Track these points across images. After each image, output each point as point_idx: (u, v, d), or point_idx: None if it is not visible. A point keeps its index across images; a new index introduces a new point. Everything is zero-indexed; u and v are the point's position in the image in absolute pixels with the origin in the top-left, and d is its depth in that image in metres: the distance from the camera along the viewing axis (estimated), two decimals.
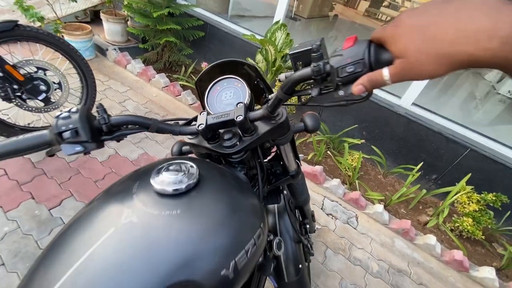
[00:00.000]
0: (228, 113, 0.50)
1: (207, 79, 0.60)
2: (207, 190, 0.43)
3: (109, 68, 2.54)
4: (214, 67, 0.60)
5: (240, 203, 0.45)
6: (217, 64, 0.59)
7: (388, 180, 2.23)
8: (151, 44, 2.62)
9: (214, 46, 2.77)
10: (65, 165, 1.54)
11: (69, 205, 1.35)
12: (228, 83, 0.58)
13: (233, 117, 0.47)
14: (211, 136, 0.52)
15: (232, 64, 0.60)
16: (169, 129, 0.51)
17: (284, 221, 0.85)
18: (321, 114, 2.41)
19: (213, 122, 0.50)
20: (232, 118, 0.48)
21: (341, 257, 1.50)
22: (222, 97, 0.57)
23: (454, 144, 1.94)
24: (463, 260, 1.56)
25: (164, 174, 0.42)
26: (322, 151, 2.08)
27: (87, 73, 1.70)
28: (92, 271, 0.32)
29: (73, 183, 1.46)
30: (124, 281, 0.31)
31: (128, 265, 0.33)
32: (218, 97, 0.58)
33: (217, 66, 0.60)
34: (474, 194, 1.82)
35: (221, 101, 0.57)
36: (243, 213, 0.44)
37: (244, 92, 0.56)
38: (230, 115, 0.49)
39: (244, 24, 2.68)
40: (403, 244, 1.68)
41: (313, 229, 1.15)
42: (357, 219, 1.75)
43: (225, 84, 0.58)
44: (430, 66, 0.26)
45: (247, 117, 0.48)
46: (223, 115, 0.50)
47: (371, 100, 2.12)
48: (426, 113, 2.06)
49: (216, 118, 0.50)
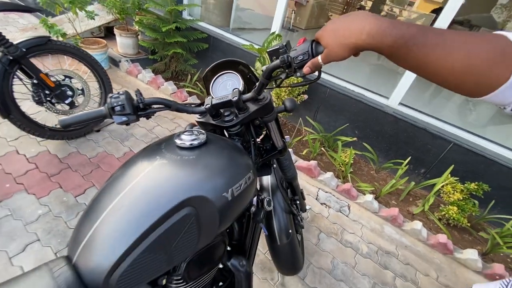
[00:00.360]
0: (227, 96, 0.69)
1: (212, 74, 0.80)
2: (212, 146, 0.62)
3: (122, 78, 2.79)
4: (217, 65, 0.80)
5: (235, 156, 0.64)
6: (219, 62, 0.79)
7: (380, 175, 2.39)
8: (159, 55, 2.87)
9: (217, 56, 3.01)
10: (87, 160, 1.75)
11: (92, 193, 1.54)
12: (227, 77, 0.78)
13: (231, 98, 0.67)
14: (215, 114, 0.71)
15: (230, 63, 0.79)
16: (185, 108, 0.71)
17: (277, 196, 1.04)
18: (316, 116, 2.60)
19: (216, 103, 0.69)
20: (230, 99, 0.67)
21: (333, 240, 1.65)
22: (223, 86, 0.77)
23: (438, 139, 2.11)
24: (447, 243, 1.70)
25: (183, 136, 0.61)
26: (316, 148, 2.26)
27: (105, 80, 1.93)
28: (139, 191, 0.50)
29: (94, 175, 1.66)
30: (161, 195, 0.50)
31: (161, 187, 0.51)
32: (220, 86, 0.77)
33: (219, 64, 0.80)
34: (458, 184, 1.97)
35: (222, 89, 0.77)
36: (237, 161, 0.63)
37: (239, 82, 0.76)
38: (228, 97, 0.68)
39: (245, 36, 2.93)
40: (391, 230, 1.82)
41: (304, 207, 1.32)
42: (349, 208, 1.91)
43: (225, 77, 0.78)
44: (340, 51, 0.45)
45: (240, 98, 0.67)
46: (223, 98, 0.69)
47: (362, 101, 2.31)
48: (412, 111, 2.24)
49: (219, 100, 0.69)
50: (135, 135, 2.07)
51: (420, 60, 0.39)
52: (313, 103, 2.56)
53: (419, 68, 0.40)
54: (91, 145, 1.88)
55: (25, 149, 1.72)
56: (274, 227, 1.03)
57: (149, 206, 0.49)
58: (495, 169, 1.98)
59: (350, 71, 2.88)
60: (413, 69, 0.41)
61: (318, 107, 2.55)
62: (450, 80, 0.39)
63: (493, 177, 1.98)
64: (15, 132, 1.80)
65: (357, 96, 2.36)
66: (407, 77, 2.14)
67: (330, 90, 2.43)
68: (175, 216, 0.50)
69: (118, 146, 1.92)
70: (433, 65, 0.38)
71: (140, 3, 2.70)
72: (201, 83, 2.94)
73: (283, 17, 2.57)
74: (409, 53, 0.39)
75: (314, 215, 1.78)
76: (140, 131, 2.12)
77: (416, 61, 0.39)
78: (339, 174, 2.22)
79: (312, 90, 2.48)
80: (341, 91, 2.38)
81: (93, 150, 1.84)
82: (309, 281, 1.39)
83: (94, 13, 2.55)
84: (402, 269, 1.58)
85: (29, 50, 1.51)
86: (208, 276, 0.71)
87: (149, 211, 0.49)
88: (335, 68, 2.54)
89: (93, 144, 1.88)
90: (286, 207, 1.05)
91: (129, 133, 2.07)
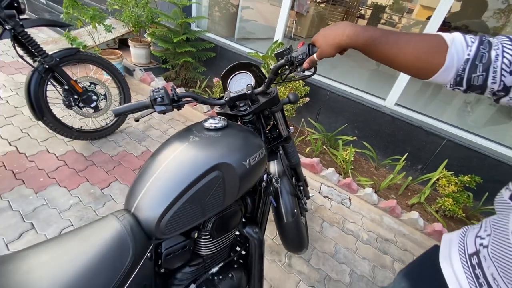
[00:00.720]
0: (242, 90, 0.86)
1: (229, 73, 0.97)
2: (231, 128, 0.78)
3: (136, 86, 3.00)
4: (233, 66, 0.97)
5: (250, 136, 0.80)
6: (234, 65, 0.97)
7: (380, 172, 2.52)
8: (171, 64, 3.09)
9: (223, 64, 3.22)
10: (109, 158, 1.92)
11: (115, 187, 1.71)
12: (241, 76, 0.95)
13: (245, 92, 0.84)
14: (232, 105, 0.88)
15: (244, 64, 0.97)
16: (208, 101, 0.88)
17: (283, 180, 1.20)
18: (318, 117, 2.77)
19: (234, 95, 0.86)
20: (245, 93, 0.84)
21: (336, 228, 1.78)
22: (238, 83, 0.94)
23: (433, 136, 2.25)
24: (442, 231, 1.82)
25: (210, 121, 0.78)
26: (318, 147, 2.42)
27: (124, 87, 2.13)
28: (180, 158, 0.67)
29: (116, 171, 1.83)
30: (196, 161, 0.66)
31: (196, 156, 0.67)
32: (235, 83, 0.95)
33: (234, 66, 0.97)
34: (452, 177, 2.09)
35: (237, 85, 0.94)
36: (252, 140, 0.79)
37: (251, 79, 0.93)
38: (243, 91, 0.85)
39: (249, 45, 3.14)
40: (390, 220, 1.95)
41: (308, 194, 1.47)
42: (350, 200, 2.04)
43: (239, 76, 0.95)
44: (329, 50, 0.62)
45: (253, 92, 0.84)
46: (239, 92, 0.86)
47: (360, 103, 2.47)
48: (407, 111, 2.39)
49: (236, 93, 0.86)
50: (151, 136, 2.25)
51: (384, 53, 0.56)
52: (315, 106, 2.73)
53: (384, 60, 0.57)
54: (112, 145, 2.06)
55: (54, 148, 1.90)
56: (281, 207, 1.18)
57: (188, 169, 0.65)
58: (487, 163, 2.10)
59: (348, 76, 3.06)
60: (381, 61, 0.58)
61: (320, 109, 2.72)
62: (406, 67, 0.55)
63: (485, 171, 2.11)
64: (44, 134, 2.00)
65: (356, 98, 2.52)
66: (400, 80, 2.30)
67: (330, 93, 2.60)
68: (207, 177, 0.66)
69: (136, 146, 2.10)
70: (393, 57, 0.55)
71: (153, 17, 2.93)
72: (209, 89, 3.14)
73: (285, 26, 2.78)
74: (376, 49, 0.56)
75: (317, 206, 1.92)
76: (155, 132, 2.31)
77: (382, 54, 0.56)
78: (340, 171, 2.36)
79: (313, 93, 2.65)
80: (341, 93, 2.55)
81: (114, 149, 2.02)
82: (313, 263, 1.52)
83: (111, 27, 2.79)
84: (400, 254, 1.70)
85: (62, 59, 1.71)
86: (228, 237, 0.86)
87: (188, 172, 0.65)
88: (335, 72, 2.72)
89: (114, 144, 2.07)
90: (291, 190, 1.21)
91: (145, 134, 2.25)
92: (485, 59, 0.47)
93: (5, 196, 1.50)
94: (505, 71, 0.45)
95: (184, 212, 0.64)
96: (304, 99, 2.54)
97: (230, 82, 0.95)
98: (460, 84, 0.51)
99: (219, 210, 0.74)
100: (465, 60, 0.49)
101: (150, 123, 2.43)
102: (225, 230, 0.83)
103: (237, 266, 0.94)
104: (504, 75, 0.46)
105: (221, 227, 0.80)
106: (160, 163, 0.68)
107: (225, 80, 0.98)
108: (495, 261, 0.50)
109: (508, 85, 0.46)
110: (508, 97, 0.48)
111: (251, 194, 0.98)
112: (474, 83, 0.50)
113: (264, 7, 4.78)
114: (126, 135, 2.19)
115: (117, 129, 2.18)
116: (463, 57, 0.49)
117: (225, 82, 0.98)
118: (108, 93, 2.04)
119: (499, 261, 0.49)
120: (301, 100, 2.53)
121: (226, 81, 0.96)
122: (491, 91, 0.49)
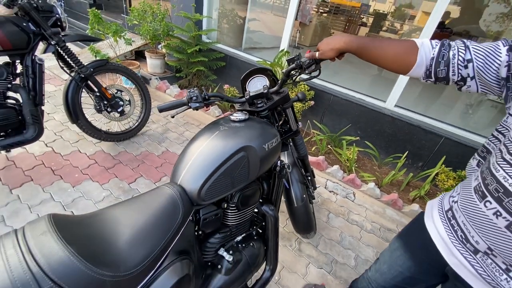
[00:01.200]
0: (259, 90, 1.05)
1: (247, 77, 1.16)
2: (253, 120, 0.97)
3: (152, 93, 3.23)
4: (251, 71, 1.17)
5: (267, 126, 0.98)
6: (252, 69, 1.16)
7: (382, 170, 2.67)
8: (184, 73, 3.33)
9: (233, 73, 3.45)
10: (134, 157, 2.13)
11: (141, 182, 1.90)
12: (258, 79, 1.15)
13: (262, 91, 1.03)
14: (251, 103, 1.07)
15: (259, 69, 1.16)
16: (231, 99, 1.07)
17: (293, 170, 1.37)
18: (322, 119, 2.95)
19: (253, 94, 1.05)
20: (261, 92, 1.03)
21: (341, 219, 1.93)
22: (255, 85, 1.13)
23: (431, 135, 2.40)
24: None
25: (235, 114, 0.96)
26: (324, 146, 2.58)
27: (146, 93, 2.36)
28: (215, 142, 0.85)
29: (141, 168, 2.03)
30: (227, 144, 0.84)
31: (226, 140, 0.86)
32: (253, 84, 1.14)
33: (252, 71, 1.16)
34: (451, 173, 2.23)
35: (254, 87, 1.13)
36: (269, 129, 0.97)
37: (266, 82, 1.12)
38: (260, 91, 1.04)
39: (256, 54, 3.37)
40: (392, 212, 2.09)
41: (315, 185, 1.63)
42: (354, 194, 2.19)
43: (256, 79, 1.15)
44: (330, 53, 0.81)
45: (268, 91, 1.03)
46: (257, 91, 1.05)
47: (362, 105, 2.65)
48: (407, 112, 2.55)
49: (254, 93, 1.05)
50: (169, 138, 2.45)
51: (372, 55, 0.74)
52: (319, 109, 2.91)
53: (373, 60, 0.75)
54: (135, 146, 2.27)
55: (85, 149, 2.12)
56: (292, 193, 1.36)
57: (221, 150, 0.84)
58: None
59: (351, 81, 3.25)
60: (370, 61, 0.77)
61: (324, 111, 2.90)
62: (389, 65, 0.74)
63: None
64: (75, 136, 2.22)
65: (358, 101, 2.70)
66: (399, 84, 2.48)
67: (334, 97, 2.79)
68: (236, 156, 0.84)
69: (156, 147, 2.30)
70: (379, 57, 0.73)
71: (168, 30, 3.19)
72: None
73: (290, 36, 3.00)
74: (366, 52, 0.75)
75: (323, 199, 2.07)
76: (173, 135, 2.51)
77: (370, 56, 0.75)
78: (344, 169, 2.52)
79: (318, 97, 2.84)
80: (344, 97, 2.73)
81: (137, 149, 2.23)
82: (321, 248, 1.67)
83: (131, 40, 3.05)
84: None
85: (94, 70, 1.95)
86: (249, 211, 1.03)
87: (221, 153, 0.83)
88: (338, 78, 2.91)
89: (137, 145, 2.27)
90: (300, 178, 1.38)
91: (164, 136, 2.46)
92: (446, 57, 0.66)
93: (47, 189, 1.71)
94: (461, 66, 0.63)
95: (218, 183, 0.82)
96: (309, 102, 2.72)
97: (249, 84, 1.15)
98: (429, 77, 0.70)
99: (244, 184, 0.92)
100: (431, 59, 0.67)
101: (168, 126, 2.64)
102: (247, 204, 1.00)
103: (256, 238, 1.11)
104: (460, 69, 0.64)
105: (244, 201, 0.98)
106: (198, 146, 0.87)
107: (244, 82, 1.17)
108: (463, 211, 0.67)
109: (464, 76, 0.64)
110: (466, 86, 0.66)
111: (267, 178, 1.16)
112: (440, 76, 0.68)
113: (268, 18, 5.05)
114: (147, 137, 2.40)
115: (138, 132, 2.39)
116: (429, 56, 0.67)
117: (244, 84, 1.17)
118: (132, 99, 2.27)
119: (466, 210, 0.66)
120: (306, 103, 2.72)
121: (245, 83, 1.16)
122: (453, 81, 0.67)
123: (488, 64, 0.58)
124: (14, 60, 1.64)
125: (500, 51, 0.57)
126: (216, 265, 0.94)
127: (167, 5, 3.48)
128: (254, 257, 1.04)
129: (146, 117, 2.40)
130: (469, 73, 0.62)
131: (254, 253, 1.05)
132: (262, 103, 1.07)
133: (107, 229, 0.65)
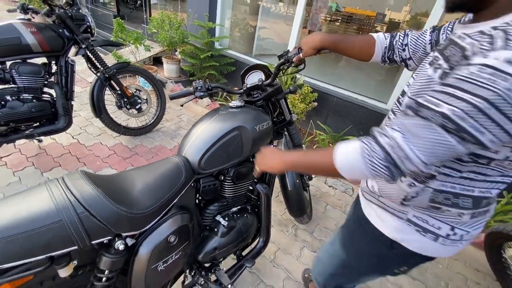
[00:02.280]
0: (256, 82, 1.22)
1: (246, 72, 1.34)
2: (247, 107, 1.14)
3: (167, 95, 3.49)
4: (248, 67, 1.34)
5: (260, 112, 1.15)
6: (249, 66, 1.34)
7: None
8: (197, 77, 3.57)
9: None
10: (149, 150, 2.34)
11: None
12: (255, 73, 1.32)
13: (258, 83, 1.20)
14: (248, 94, 1.24)
15: (257, 66, 1.33)
16: (232, 91, 1.24)
17: None
18: (326, 120, 3.07)
19: (249, 86, 1.22)
20: (257, 84, 1.20)
21: (338, 211, 2.03)
22: (252, 79, 1.31)
23: None
24: None
25: (233, 102, 1.14)
26: (326, 144, 2.70)
27: (162, 94, 2.59)
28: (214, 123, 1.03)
29: (155, 159, 2.23)
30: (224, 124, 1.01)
31: (224, 121, 1.03)
32: (251, 79, 1.31)
33: (251, 67, 1.34)
34: None
35: (252, 80, 1.30)
36: (262, 114, 1.13)
37: (262, 76, 1.29)
38: (255, 83, 1.21)
39: (265, 60, 3.57)
40: None
41: (311, 175, 1.76)
42: (353, 190, 2.29)
43: (253, 74, 1.32)
44: (309, 51, 0.97)
45: (263, 83, 1.20)
46: (254, 83, 1.22)
47: (364, 107, 2.76)
48: None
49: (251, 85, 1.22)
50: (181, 134, 2.67)
51: (342, 47, 0.91)
52: (323, 110, 3.04)
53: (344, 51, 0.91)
54: (150, 140, 2.49)
55: (106, 141, 2.36)
56: (287, 178, 1.50)
57: (219, 129, 1.01)
58: None
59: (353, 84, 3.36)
60: (341, 53, 0.92)
61: (327, 113, 3.03)
62: (356, 55, 0.89)
63: None
64: (97, 130, 2.47)
65: (360, 102, 2.81)
66: (399, 86, 2.58)
67: (337, 99, 2.92)
68: (231, 134, 1.01)
69: (169, 141, 2.52)
70: (347, 49, 0.90)
71: (184, 38, 3.47)
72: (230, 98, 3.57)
73: (296, 43, 3.18)
74: (339, 45, 0.91)
75: (322, 193, 2.19)
76: (184, 132, 2.72)
77: (341, 48, 0.91)
78: None
79: (321, 99, 2.97)
80: (346, 99, 2.86)
81: (152, 143, 2.45)
82: (316, 235, 1.78)
83: (150, 46, 3.34)
84: None
85: (117, 70, 2.20)
86: (244, 186, 1.18)
87: (219, 131, 1.00)
88: (341, 81, 3.04)
89: (152, 140, 2.50)
90: None
91: (176, 133, 2.67)
92: (392, 45, 0.82)
93: None
94: (400, 49, 0.81)
95: (216, 155, 0.99)
96: (312, 104, 2.86)
97: (247, 78, 1.32)
98: (385, 61, 0.86)
99: (238, 160, 1.08)
100: (384, 48, 0.83)
101: (180, 124, 2.86)
102: (241, 179, 1.16)
103: (251, 212, 1.25)
104: (400, 52, 0.82)
105: (238, 176, 1.14)
106: (200, 126, 1.04)
107: (244, 76, 1.35)
108: None
109: (404, 58, 0.82)
110: (409, 65, 0.84)
111: None
112: (390, 58, 0.84)
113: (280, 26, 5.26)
114: (161, 133, 2.62)
115: (154, 128, 2.62)
116: (383, 46, 0.84)
117: (243, 78, 1.35)
118: (149, 98, 2.50)
119: None
120: (310, 105, 2.86)
121: (244, 77, 1.33)
122: (399, 62, 0.84)
123: (418, 44, 0.76)
124: (50, 61, 1.90)
125: (426, 33, 0.75)
126: (213, 228, 1.10)
127: (183, 15, 3.78)
128: (247, 226, 1.19)
129: (161, 115, 2.63)
130: (406, 55, 0.80)
131: (247, 223, 1.20)
132: (258, 94, 1.24)
133: (125, 182, 0.83)
